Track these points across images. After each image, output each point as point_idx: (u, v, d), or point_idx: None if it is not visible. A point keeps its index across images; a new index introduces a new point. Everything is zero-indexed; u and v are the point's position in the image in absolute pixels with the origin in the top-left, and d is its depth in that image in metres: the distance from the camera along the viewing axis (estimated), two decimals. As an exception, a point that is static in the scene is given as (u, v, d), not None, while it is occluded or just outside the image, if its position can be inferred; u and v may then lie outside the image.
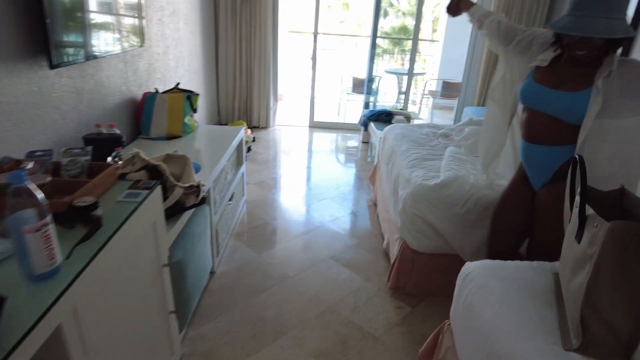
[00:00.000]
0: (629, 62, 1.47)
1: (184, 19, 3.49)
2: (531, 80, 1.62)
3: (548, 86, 1.55)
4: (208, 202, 2.18)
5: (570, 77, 1.51)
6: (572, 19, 1.40)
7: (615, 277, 1.06)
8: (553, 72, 1.56)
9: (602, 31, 1.35)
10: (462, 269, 1.55)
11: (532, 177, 1.73)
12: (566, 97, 1.50)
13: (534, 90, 1.59)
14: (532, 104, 1.62)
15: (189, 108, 2.72)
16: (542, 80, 1.58)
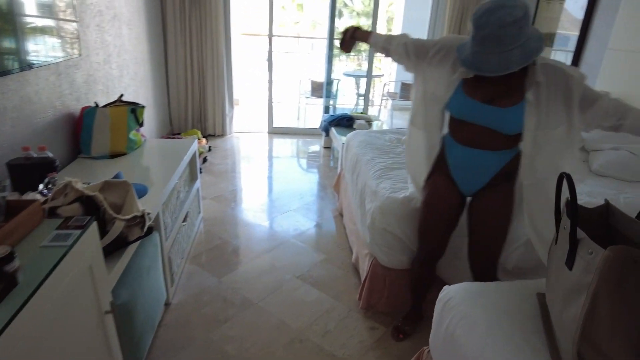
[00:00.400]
0: (551, 67, 1.43)
1: (126, 24, 3.22)
2: (462, 94, 1.56)
3: (481, 101, 1.51)
4: (157, 228, 1.97)
5: (501, 92, 1.49)
6: (471, 54, 1.40)
7: (614, 308, 0.96)
8: (482, 85, 1.51)
9: (497, 69, 1.35)
10: (440, 294, 1.43)
11: (463, 181, 1.68)
12: (500, 112, 1.49)
13: (468, 104, 1.55)
14: (466, 118, 1.58)
15: (134, 122, 2.48)
16: (474, 94, 1.53)
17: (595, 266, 0.96)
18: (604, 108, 1.44)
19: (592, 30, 3.50)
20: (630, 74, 2.99)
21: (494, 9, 1.32)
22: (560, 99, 1.44)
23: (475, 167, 1.63)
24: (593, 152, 2.69)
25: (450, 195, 1.71)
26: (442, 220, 1.75)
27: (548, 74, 1.43)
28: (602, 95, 1.45)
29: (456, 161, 1.67)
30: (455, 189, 1.71)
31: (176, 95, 4.61)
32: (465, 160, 1.64)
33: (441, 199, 1.72)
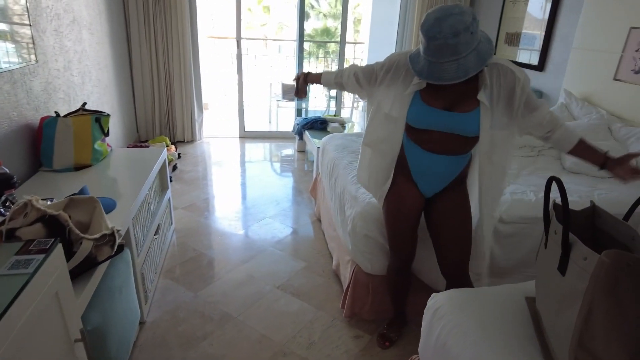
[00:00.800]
0: (501, 68, 1.45)
1: (87, 28, 3.07)
2: (422, 104, 1.55)
3: (440, 108, 1.52)
4: (128, 244, 1.86)
5: (458, 98, 1.50)
6: (426, 64, 1.39)
7: (609, 313, 0.95)
8: (438, 93, 1.52)
9: (455, 76, 1.34)
10: (429, 303, 1.40)
11: (425, 184, 1.69)
12: (460, 117, 1.50)
13: (429, 113, 1.54)
14: (426, 126, 1.57)
15: (99, 132, 2.35)
16: (434, 103, 1.53)
17: (589, 272, 0.94)
18: (541, 118, 1.50)
19: (556, 30, 3.58)
20: (594, 73, 3.07)
21: (442, 17, 1.31)
22: (504, 100, 1.48)
23: (436, 171, 1.65)
24: (565, 149, 2.74)
25: (413, 199, 1.72)
26: (409, 223, 1.76)
27: (497, 75, 1.45)
28: (542, 106, 1.50)
29: (418, 166, 1.67)
30: (417, 191, 1.72)
31: (142, 102, 4.45)
32: (427, 165, 1.65)
33: (406, 203, 1.73)
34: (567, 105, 3.20)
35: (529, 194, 2.15)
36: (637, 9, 2.73)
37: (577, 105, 3.10)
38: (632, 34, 2.76)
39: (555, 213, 1.13)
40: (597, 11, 3.04)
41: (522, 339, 1.17)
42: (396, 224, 1.77)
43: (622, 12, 2.83)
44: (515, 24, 4.05)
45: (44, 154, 2.17)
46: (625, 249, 1.06)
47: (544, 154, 2.83)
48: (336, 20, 11.64)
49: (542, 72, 3.74)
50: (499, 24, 4.28)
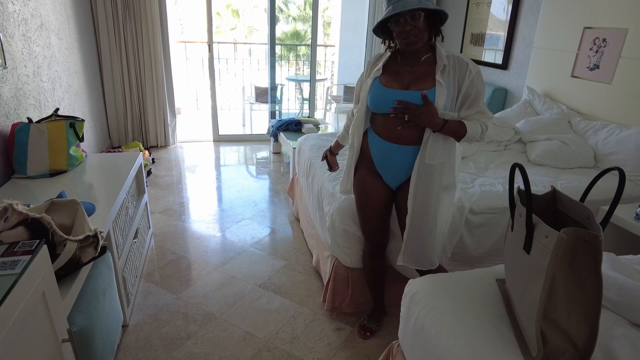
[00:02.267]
0: (457, 58, 1.59)
1: (55, 34, 3.03)
2: (379, 86, 1.66)
3: (398, 88, 1.62)
4: (109, 248, 1.86)
5: (415, 79, 1.62)
6: (391, 6, 1.54)
7: (569, 286, 1.04)
8: (397, 77, 1.65)
9: (416, 3, 1.47)
10: (406, 288, 1.47)
11: (389, 176, 1.78)
12: (416, 95, 1.58)
13: (385, 93, 1.64)
14: (384, 107, 1.65)
15: (74, 137, 2.33)
16: (391, 84, 1.65)
17: (550, 248, 1.03)
18: (474, 118, 1.63)
19: (518, 30, 3.75)
20: (554, 70, 3.24)
21: None
22: (456, 87, 1.59)
23: (396, 162, 1.72)
24: (529, 143, 2.88)
25: (378, 188, 1.80)
26: (376, 212, 1.84)
27: (453, 62, 1.58)
28: (481, 108, 1.62)
29: (379, 156, 1.76)
30: (382, 182, 1.80)
31: (114, 107, 4.39)
32: (387, 156, 1.73)
33: (371, 193, 1.81)
34: (530, 101, 3.36)
35: (496, 186, 2.26)
36: (590, 10, 2.91)
37: (540, 101, 3.27)
38: (586, 34, 2.94)
39: (520, 198, 1.22)
40: (554, 12, 3.22)
41: (494, 317, 1.26)
42: (365, 214, 1.86)
43: (577, 13, 3.01)
44: (480, 25, 4.21)
45: (16, 161, 2.14)
46: (582, 227, 1.16)
47: (510, 148, 2.97)
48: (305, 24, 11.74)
49: (506, 70, 3.91)
50: (464, 25, 4.45)
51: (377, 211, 1.83)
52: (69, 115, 2.44)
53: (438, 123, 1.56)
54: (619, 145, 2.55)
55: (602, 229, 1.05)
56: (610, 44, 2.76)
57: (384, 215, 1.85)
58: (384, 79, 1.67)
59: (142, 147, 4.18)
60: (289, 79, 6.30)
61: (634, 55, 2.61)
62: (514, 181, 1.24)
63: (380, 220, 1.85)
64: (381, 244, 1.92)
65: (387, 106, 1.63)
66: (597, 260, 1.00)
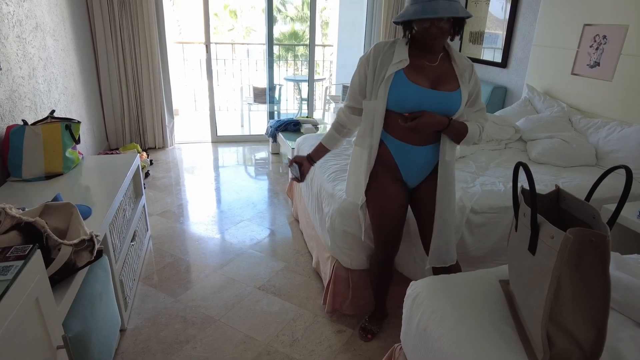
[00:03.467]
0: (464, 57, 1.63)
1: (51, 35, 3.00)
2: (407, 82, 1.55)
3: (426, 87, 1.57)
4: (106, 251, 1.84)
5: (439, 78, 1.59)
6: (420, 5, 1.44)
7: (575, 288, 1.01)
8: (420, 72, 1.58)
9: (449, 11, 1.42)
10: (408, 290, 1.45)
11: (410, 176, 1.74)
12: (444, 96, 1.57)
13: (414, 91, 1.55)
14: (414, 106, 1.56)
15: (70, 139, 2.30)
16: (418, 80, 1.56)
17: (556, 249, 1.00)
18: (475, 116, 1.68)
19: (517, 28, 3.73)
20: (554, 68, 3.22)
21: None
22: (467, 87, 1.62)
23: (418, 162, 1.70)
24: (530, 141, 2.86)
25: (398, 194, 1.74)
26: (395, 219, 1.77)
27: (464, 62, 1.62)
28: (482, 105, 1.71)
29: (401, 159, 1.69)
30: (401, 184, 1.75)
31: (111, 109, 4.36)
32: (409, 158, 1.68)
33: (391, 200, 1.73)
34: (530, 99, 3.34)
35: (497, 185, 2.24)
36: (590, 7, 2.88)
37: (540, 100, 3.25)
38: (586, 31, 2.92)
39: (524, 197, 1.20)
40: (553, 9, 3.20)
41: (497, 319, 1.23)
42: (383, 224, 1.77)
43: (576, 10, 2.98)
44: (478, 23, 4.19)
45: (11, 164, 2.12)
46: (588, 227, 1.13)
47: (510, 146, 2.95)
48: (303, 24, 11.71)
49: (506, 68, 3.89)
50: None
51: (396, 221, 1.77)
52: (65, 117, 2.40)
53: (443, 122, 1.55)
54: (621, 143, 2.53)
55: (609, 228, 1.02)
56: (611, 41, 2.74)
57: (401, 224, 1.81)
58: (409, 73, 1.56)
59: (139, 149, 4.15)
60: (287, 79, 6.27)
61: (634, 52, 2.59)
62: (517, 180, 1.22)
63: (399, 231, 1.81)
64: (394, 253, 1.88)
65: (416, 104, 1.55)
66: (604, 261, 0.98)
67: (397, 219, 1.77)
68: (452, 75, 1.59)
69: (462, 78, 1.59)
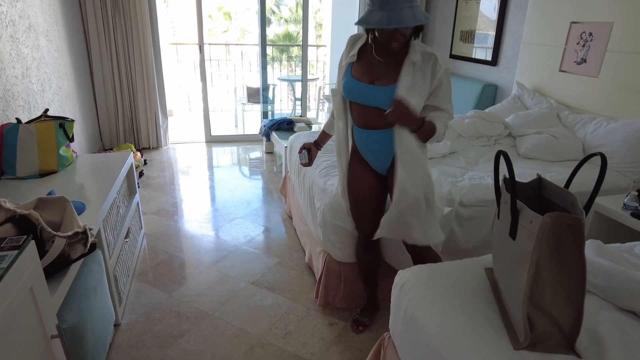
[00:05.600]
0: (428, 53, 1.59)
1: (44, 35, 3.02)
2: (350, 77, 1.70)
3: (365, 82, 1.65)
4: (100, 246, 1.86)
5: (382, 73, 1.63)
6: (385, 13, 1.46)
7: (554, 271, 1.05)
8: (366, 68, 1.66)
9: (411, 20, 1.45)
10: (395, 279, 1.48)
11: (374, 162, 1.80)
12: (381, 90, 1.61)
13: (354, 86, 1.68)
14: (354, 99, 1.71)
15: (64, 137, 2.32)
16: (360, 76, 1.67)
17: (535, 233, 1.04)
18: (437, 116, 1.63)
19: (506, 26, 3.78)
20: (542, 65, 3.27)
21: None
22: (427, 83, 1.59)
23: (376, 147, 1.75)
24: (519, 137, 2.91)
25: (367, 178, 1.82)
26: (368, 202, 1.84)
27: (427, 58, 1.58)
28: (447, 106, 1.64)
29: (362, 145, 1.79)
30: (371, 170, 1.82)
31: (105, 109, 4.38)
32: (368, 143, 1.76)
33: (361, 183, 1.83)
34: (519, 96, 3.39)
35: (486, 179, 2.28)
36: (576, 5, 2.94)
37: (529, 96, 3.29)
38: (573, 28, 2.97)
39: (505, 186, 1.24)
40: (541, 8, 3.25)
41: (483, 304, 1.27)
42: (356, 203, 1.85)
43: (563, 8, 3.04)
44: (469, 22, 4.24)
45: (5, 162, 2.14)
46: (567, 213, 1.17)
47: (500, 142, 2.99)
48: (297, 25, 11.76)
49: (496, 66, 3.94)
50: (453, 23, 4.47)
51: (366, 199, 1.83)
52: (59, 116, 2.42)
53: (416, 122, 1.58)
54: (607, 138, 2.58)
55: (585, 213, 1.06)
56: (597, 38, 2.79)
57: (376, 205, 1.85)
58: (355, 69, 1.69)
59: (133, 148, 4.17)
60: (281, 79, 6.30)
61: (619, 48, 2.64)
62: (499, 169, 1.26)
63: (373, 212, 1.85)
64: (371, 236, 1.89)
65: (355, 96, 1.68)
66: (580, 244, 1.01)
67: (368, 202, 1.83)
68: (397, 71, 1.59)
69: (415, 73, 1.57)
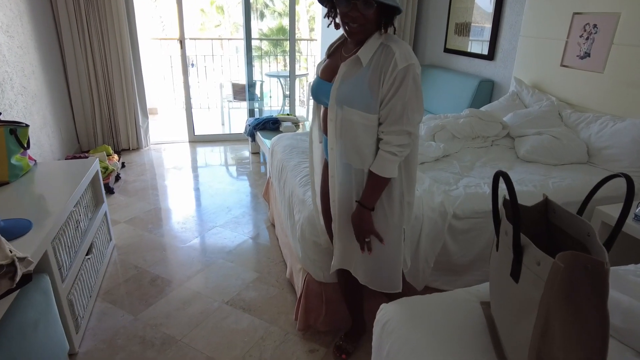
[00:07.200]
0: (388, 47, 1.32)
1: (4, 31, 2.78)
2: (317, 77, 1.54)
3: (324, 78, 1.49)
4: (48, 269, 1.64)
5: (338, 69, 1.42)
6: None
7: (567, 323, 0.84)
8: (330, 64, 1.50)
9: None
10: (378, 314, 1.28)
11: None
12: (327, 86, 1.43)
13: (316, 84, 1.53)
14: (314, 96, 1.55)
15: (16, 144, 2.10)
16: (322, 74, 1.51)
17: (544, 278, 0.83)
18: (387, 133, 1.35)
19: (503, 18, 3.56)
20: (542, 60, 3.05)
21: None
22: (377, 84, 1.32)
23: None
24: (518, 138, 2.70)
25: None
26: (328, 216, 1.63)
27: (384, 52, 1.32)
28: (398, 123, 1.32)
29: (325, 151, 1.58)
30: None
31: (81, 110, 4.14)
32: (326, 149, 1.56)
33: (325, 197, 1.64)
34: (518, 93, 3.18)
35: (482, 187, 2.07)
36: (580, -6, 2.72)
37: (528, 93, 3.08)
38: (576, 20, 2.75)
39: (506, 210, 1.03)
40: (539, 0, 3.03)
41: (478, 351, 1.06)
42: (328, 221, 1.66)
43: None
44: (464, 15, 4.02)
45: (-52, 173, 1.92)
46: (581, 247, 0.96)
47: (497, 143, 2.78)
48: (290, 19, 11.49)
49: (493, 61, 3.72)
50: (448, 15, 4.24)
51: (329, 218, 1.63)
52: (12, 120, 2.20)
53: (363, 213, 1.42)
54: (614, 139, 2.37)
55: (607, 250, 0.85)
56: (602, 30, 2.58)
57: None
58: (322, 68, 1.52)
59: (111, 150, 3.94)
60: (269, 75, 6.06)
61: (626, 41, 2.43)
62: (497, 192, 1.05)
63: None
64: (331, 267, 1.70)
65: (316, 96, 1.52)
66: (601, 292, 0.81)
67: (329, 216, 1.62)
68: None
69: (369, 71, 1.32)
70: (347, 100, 1.35)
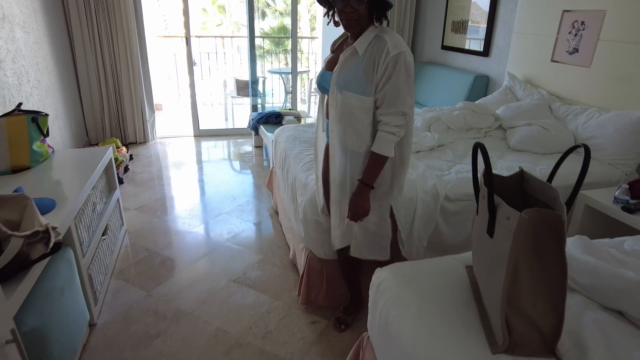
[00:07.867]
0: (380, 37, 1.48)
1: (21, 27, 2.92)
2: (322, 67, 1.71)
3: (329, 70, 1.63)
4: (71, 243, 1.79)
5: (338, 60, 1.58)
6: None
7: (533, 270, 0.99)
8: (334, 58, 1.65)
9: None
10: (373, 278, 1.42)
11: None
12: (329, 75, 1.59)
13: (321, 73, 1.69)
14: (320, 87, 1.70)
15: (37, 132, 2.24)
16: (327, 65, 1.67)
17: (513, 230, 0.97)
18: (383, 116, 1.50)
19: (498, 16, 3.70)
20: (534, 55, 3.19)
21: None
22: (372, 71, 1.47)
23: None
24: (509, 129, 2.84)
25: None
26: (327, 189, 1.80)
27: (377, 43, 1.47)
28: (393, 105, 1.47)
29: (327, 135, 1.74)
30: None
31: (90, 103, 4.29)
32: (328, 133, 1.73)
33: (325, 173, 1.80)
34: (511, 87, 3.32)
35: (474, 172, 2.21)
36: (569, -7, 2.85)
37: (520, 87, 3.22)
38: (565, 17, 2.89)
39: (484, 180, 1.17)
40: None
41: (461, 306, 1.20)
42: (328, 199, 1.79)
43: (555, -4, 2.95)
44: (461, 12, 4.16)
45: (-26, 158, 2.06)
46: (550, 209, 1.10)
47: (490, 134, 2.92)
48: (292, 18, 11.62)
49: (488, 57, 3.86)
50: (445, 13, 4.38)
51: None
52: (32, 110, 2.34)
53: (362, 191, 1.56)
54: (599, 129, 2.51)
55: (567, 209, 0.99)
56: (589, 27, 2.72)
57: None
58: (327, 60, 1.69)
59: (119, 143, 4.08)
60: (271, 72, 6.20)
61: (612, 37, 2.57)
62: (477, 162, 1.19)
63: None
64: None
65: (322, 86, 1.67)
66: (561, 243, 0.95)
67: None
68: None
69: (357, 59, 1.49)
70: (345, 85, 1.52)
